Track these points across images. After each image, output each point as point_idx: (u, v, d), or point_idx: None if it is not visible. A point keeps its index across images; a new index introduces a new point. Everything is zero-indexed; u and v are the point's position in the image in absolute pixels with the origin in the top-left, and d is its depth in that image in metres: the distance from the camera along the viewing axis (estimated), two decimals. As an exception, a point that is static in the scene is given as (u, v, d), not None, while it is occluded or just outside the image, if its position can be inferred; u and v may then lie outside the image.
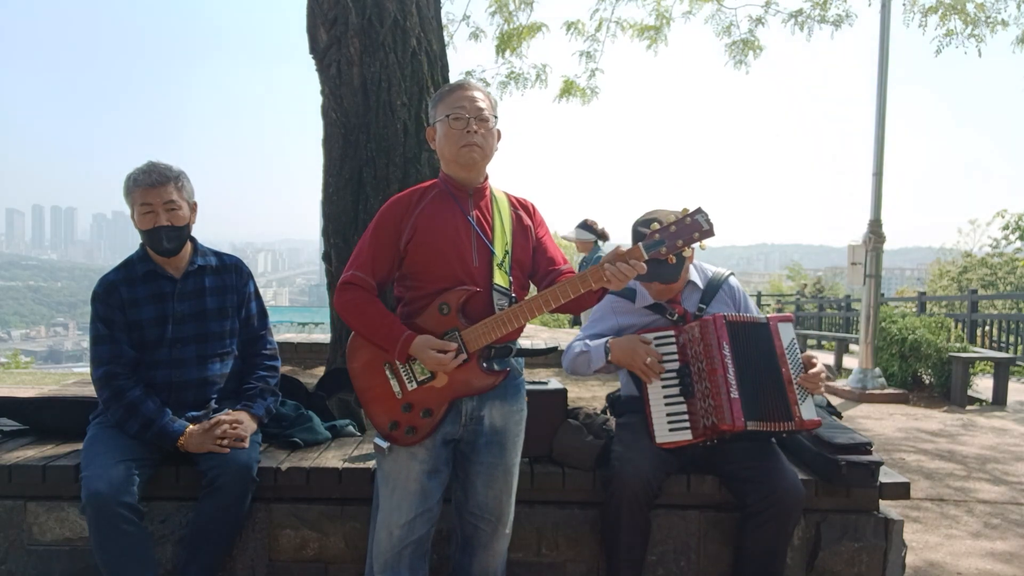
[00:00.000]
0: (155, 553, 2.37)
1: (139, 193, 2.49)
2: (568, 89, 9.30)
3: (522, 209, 2.27)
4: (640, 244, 2.01)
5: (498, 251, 2.13)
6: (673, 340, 2.56)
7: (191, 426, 2.45)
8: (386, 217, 2.14)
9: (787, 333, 2.50)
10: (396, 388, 2.11)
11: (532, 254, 2.25)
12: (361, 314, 2.10)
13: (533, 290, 2.25)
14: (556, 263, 2.25)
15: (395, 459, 2.13)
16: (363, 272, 2.11)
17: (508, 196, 2.28)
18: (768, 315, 2.55)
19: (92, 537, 2.25)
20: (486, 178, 2.21)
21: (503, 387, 2.17)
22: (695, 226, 1.99)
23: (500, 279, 2.12)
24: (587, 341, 2.66)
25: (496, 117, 2.17)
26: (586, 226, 6.72)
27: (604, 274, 2.00)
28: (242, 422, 2.51)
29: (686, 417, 2.49)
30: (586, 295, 2.09)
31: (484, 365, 2.11)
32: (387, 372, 2.11)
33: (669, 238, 2.00)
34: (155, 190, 2.48)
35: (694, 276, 2.73)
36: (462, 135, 2.08)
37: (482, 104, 2.12)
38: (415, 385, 2.10)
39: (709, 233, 1.98)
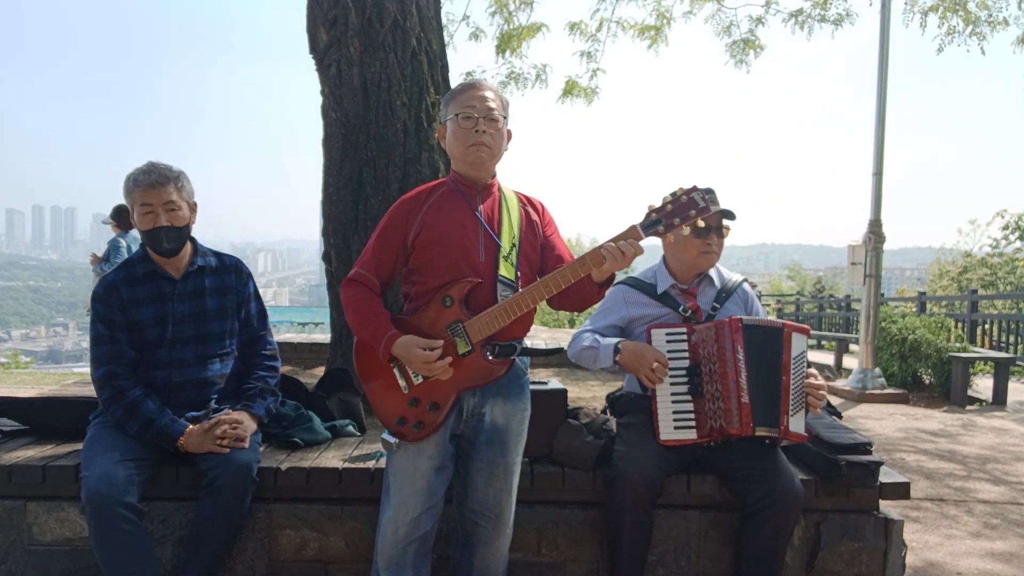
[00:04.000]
0: (155, 553, 2.37)
1: (139, 193, 2.48)
2: (570, 89, 9.29)
3: (530, 206, 2.29)
4: (637, 225, 2.04)
5: (504, 244, 2.15)
6: (685, 337, 2.54)
7: (191, 426, 2.45)
8: (394, 216, 2.17)
9: (799, 345, 2.48)
10: (402, 383, 2.12)
11: (540, 251, 2.27)
12: (355, 311, 2.13)
13: None
14: (564, 260, 2.26)
15: (404, 455, 2.14)
16: (366, 270, 2.15)
17: (517, 194, 2.31)
18: (785, 322, 2.52)
19: (92, 537, 2.25)
20: (494, 176, 2.23)
21: (506, 385, 2.18)
22: (691, 204, 2.01)
23: (505, 270, 2.13)
24: (597, 337, 2.65)
25: (506, 117, 2.18)
26: (116, 214, 7.20)
27: (602, 254, 2.02)
28: (242, 422, 2.50)
29: (692, 416, 2.49)
30: (589, 290, 2.11)
31: (488, 355, 2.12)
32: (393, 367, 2.12)
33: (666, 217, 2.02)
34: (155, 190, 2.48)
35: (712, 273, 2.73)
36: (471, 134, 2.10)
37: (492, 104, 2.13)
38: (420, 379, 2.11)
39: (706, 211, 2.00)
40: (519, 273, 2.17)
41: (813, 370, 2.54)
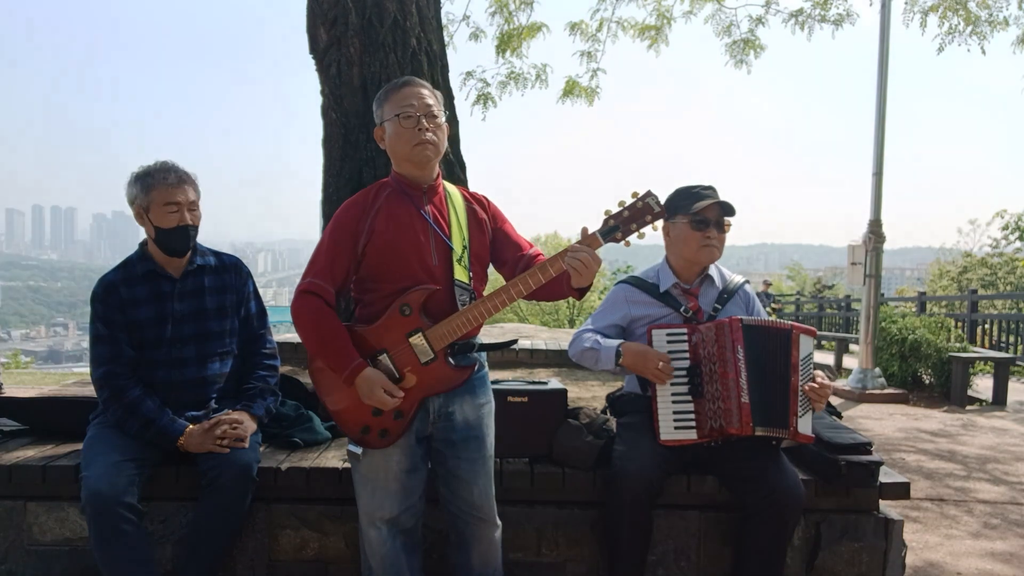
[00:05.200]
0: (155, 553, 2.37)
1: (164, 192, 2.48)
2: (571, 89, 9.30)
3: (476, 203, 2.28)
4: (596, 232, 2.06)
5: (456, 247, 2.14)
6: (685, 338, 2.54)
7: (191, 426, 2.45)
8: (342, 221, 2.13)
9: (806, 346, 2.48)
10: None
11: (490, 247, 2.26)
12: (315, 328, 2.08)
13: (492, 284, 2.25)
14: (523, 248, 2.27)
15: (370, 462, 2.14)
16: (321, 279, 2.10)
17: (462, 191, 2.30)
18: (793, 324, 2.52)
19: (92, 537, 2.25)
20: (439, 175, 2.22)
21: (469, 382, 2.18)
22: (647, 209, 2.06)
23: (460, 275, 2.13)
24: (598, 339, 2.63)
25: (444, 113, 2.18)
26: None
27: (563, 265, 2.03)
28: (242, 422, 2.50)
29: (692, 417, 2.48)
30: (558, 285, 2.11)
31: (451, 361, 2.12)
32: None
33: (623, 223, 2.06)
34: (180, 189, 2.50)
35: (714, 273, 2.73)
36: (414, 134, 2.08)
37: (430, 101, 2.12)
38: None
39: (660, 215, 2.08)
40: (472, 274, 2.16)
41: (820, 372, 2.54)
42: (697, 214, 2.61)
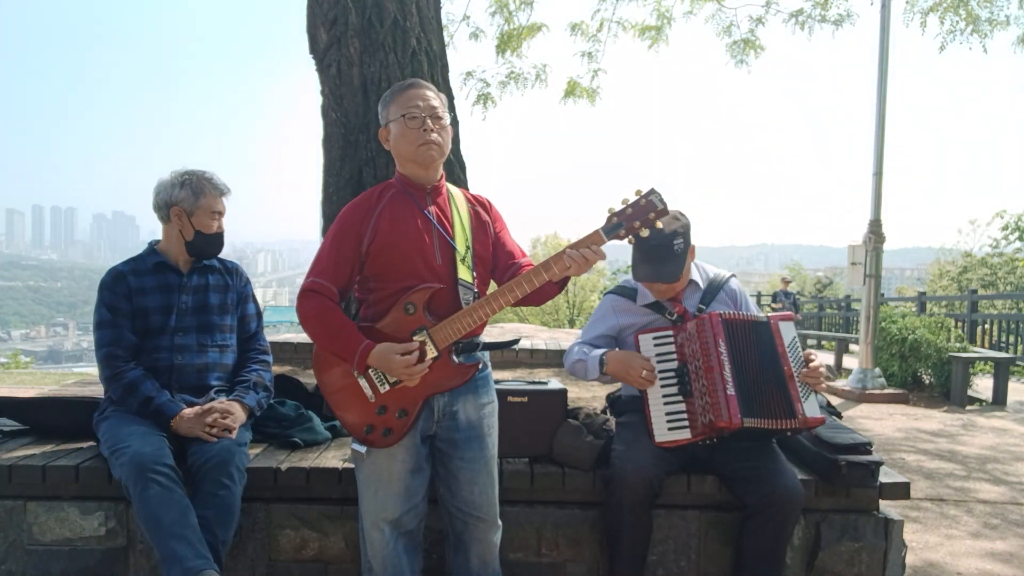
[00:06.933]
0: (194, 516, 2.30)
1: (213, 200, 2.67)
2: (572, 90, 9.30)
3: (479, 205, 2.29)
4: (600, 229, 2.05)
5: (460, 247, 2.15)
6: (671, 340, 2.57)
7: (186, 408, 2.48)
8: (345, 222, 2.14)
9: (788, 332, 2.51)
10: (368, 392, 2.10)
11: (492, 249, 2.27)
12: (320, 323, 2.09)
13: (492, 286, 2.26)
14: (515, 256, 2.28)
15: (375, 462, 2.13)
16: (324, 279, 2.10)
17: (464, 193, 2.31)
18: (769, 314, 2.56)
19: (135, 500, 2.23)
20: (442, 176, 2.23)
21: (473, 381, 2.19)
22: (650, 207, 2.03)
23: (464, 274, 2.13)
24: (586, 349, 2.67)
25: (448, 115, 2.19)
26: None
27: (566, 261, 2.03)
28: (232, 412, 2.53)
29: (685, 416, 2.49)
30: (547, 289, 2.11)
31: (455, 360, 2.12)
32: (358, 377, 2.10)
33: (626, 220, 2.04)
34: (223, 200, 2.72)
35: (696, 276, 2.73)
36: (419, 134, 2.09)
37: (435, 103, 2.14)
38: (388, 387, 2.09)
39: (664, 212, 2.04)
40: (475, 275, 2.17)
41: (811, 352, 2.56)
42: None
